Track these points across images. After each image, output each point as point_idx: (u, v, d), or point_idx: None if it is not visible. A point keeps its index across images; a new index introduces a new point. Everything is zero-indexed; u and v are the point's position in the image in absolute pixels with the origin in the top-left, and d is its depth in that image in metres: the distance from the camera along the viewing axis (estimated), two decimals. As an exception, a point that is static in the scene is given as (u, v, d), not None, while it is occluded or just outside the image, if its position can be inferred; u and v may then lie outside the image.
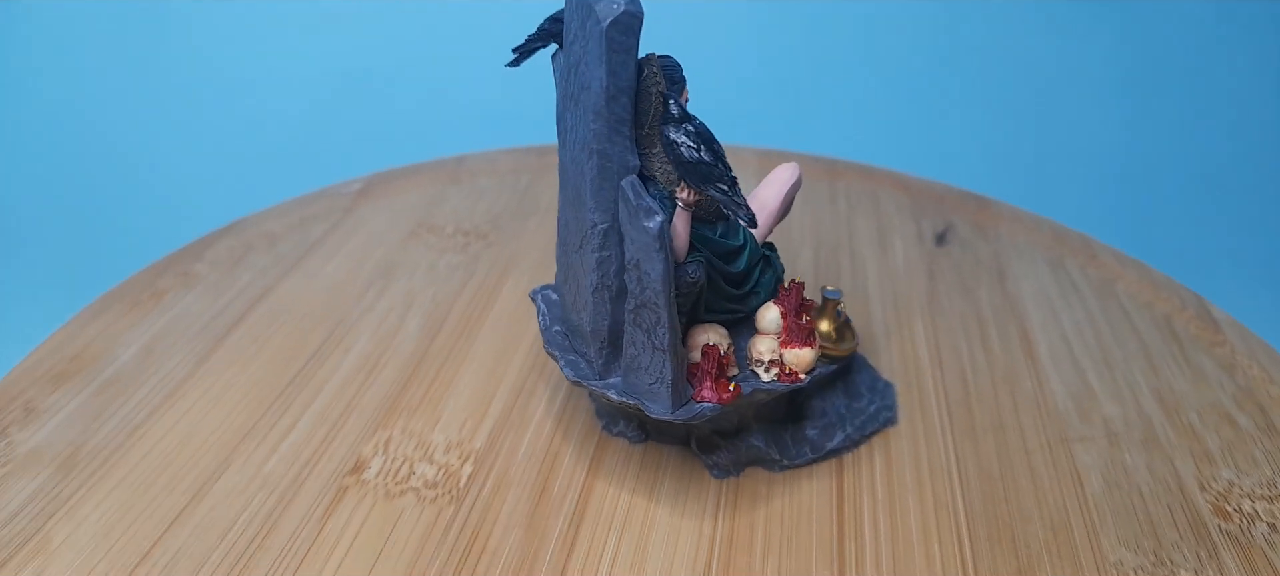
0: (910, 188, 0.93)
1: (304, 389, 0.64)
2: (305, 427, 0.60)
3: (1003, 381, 0.66)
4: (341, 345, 0.68)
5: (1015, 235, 0.84)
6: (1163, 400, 0.64)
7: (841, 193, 0.92)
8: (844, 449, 0.59)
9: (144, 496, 0.54)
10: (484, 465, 0.58)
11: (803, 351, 0.51)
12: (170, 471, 0.56)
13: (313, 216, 0.85)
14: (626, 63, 0.43)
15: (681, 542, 0.53)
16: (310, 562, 0.51)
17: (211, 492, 0.55)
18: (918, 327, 0.71)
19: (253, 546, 0.51)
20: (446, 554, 0.51)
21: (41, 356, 0.66)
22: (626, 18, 0.42)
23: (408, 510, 0.54)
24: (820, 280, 0.77)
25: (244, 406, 0.62)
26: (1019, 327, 0.72)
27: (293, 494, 0.55)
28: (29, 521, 0.53)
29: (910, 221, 0.87)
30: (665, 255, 0.45)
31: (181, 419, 0.61)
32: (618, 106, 0.44)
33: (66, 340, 0.68)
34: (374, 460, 0.58)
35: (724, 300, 0.52)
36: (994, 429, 0.61)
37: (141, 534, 0.52)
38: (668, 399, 0.48)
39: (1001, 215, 0.88)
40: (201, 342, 0.68)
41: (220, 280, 0.76)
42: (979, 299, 0.75)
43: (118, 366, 0.65)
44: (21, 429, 0.59)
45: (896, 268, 0.79)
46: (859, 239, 0.84)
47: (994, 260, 0.81)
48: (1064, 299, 0.75)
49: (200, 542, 0.52)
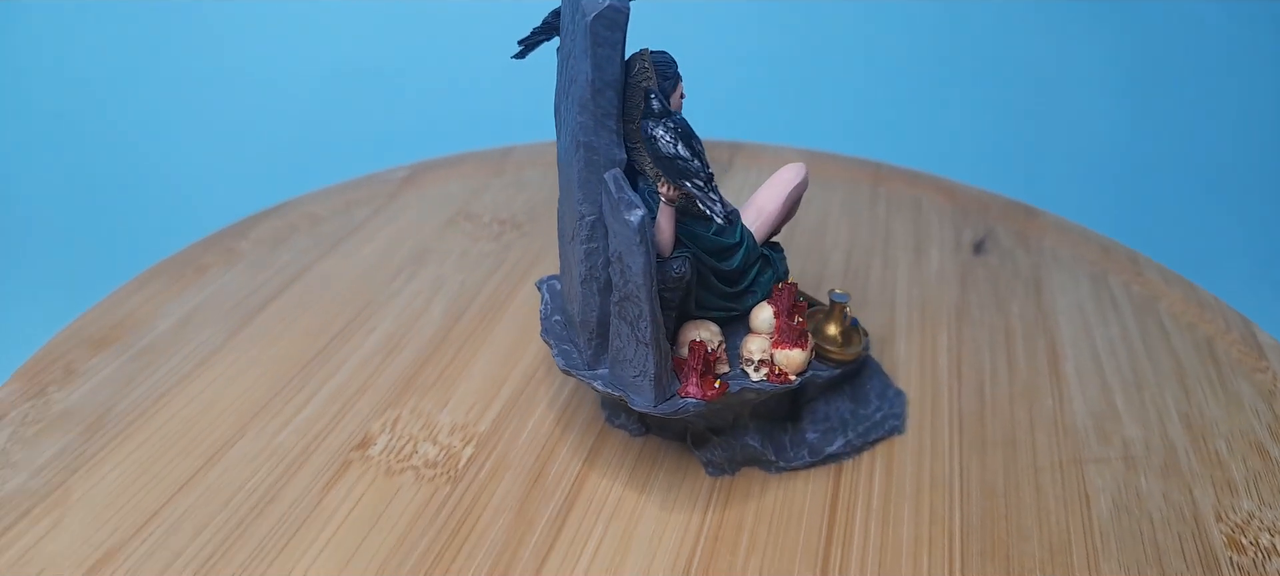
0: (956, 195, 0.91)
1: (324, 365, 0.66)
2: (320, 402, 0.62)
3: (1022, 396, 0.64)
4: (366, 326, 0.70)
5: (1059, 247, 0.82)
6: (1191, 425, 0.62)
7: (883, 197, 0.90)
8: (844, 454, 0.59)
9: (160, 459, 0.57)
10: (485, 448, 0.59)
11: (793, 352, 0.50)
12: (188, 437, 0.59)
13: (357, 200, 0.88)
14: (612, 57, 0.44)
15: (667, 536, 0.53)
16: (304, 532, 0.52)
17: (223, 459, 0.57)
18: (941, 337, 0.70)
19: (253, 513, 0.54)
20: (435, 532, 0.53)
21: (87, 321, 0.70)
22: (611, 12, 0.43)
23: (405, 487, 0.56)
24: (847, 284, 0.76)
25: (266, 379, 0.64)
26: (1048, 342, 0.70)
27: (299, 465, 0.57)
28: (53, 475, 0.56)
29: (950, 229, 0.85)
30: (646, 249, 0.45)
31: (206, 388, 0.63)
32: (603, 100, 0.45)
33: (112, 307, 0.71)
34: (381, 437, 0.60)
35: (717, 298, 0.52)
36: (1004, 444, 0.60)
37: (152, 494, 0.55)
38: (650, 392, 0.49)
39: (1047, 226, 0.85)
40: (235, 317, 0.71)
41: (262, 258, 0.79)
42: (1010, 311, 0.73)
43: (155, 335, 0.69)
44: (59, 388, 0.63)
45: (929, 275, 0.78)
46: (894, 244, 0.82)
47: (1032, 272, 0.78)
48: (1101, 315, 0.73)
49: (205, 506, 0.54)
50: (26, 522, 0.53)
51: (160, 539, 0.52)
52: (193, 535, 0.52)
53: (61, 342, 0.67)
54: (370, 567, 0.50)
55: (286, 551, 0.51)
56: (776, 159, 0.98)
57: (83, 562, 0.50)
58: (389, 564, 0.51)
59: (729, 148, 1.00)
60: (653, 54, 0.48)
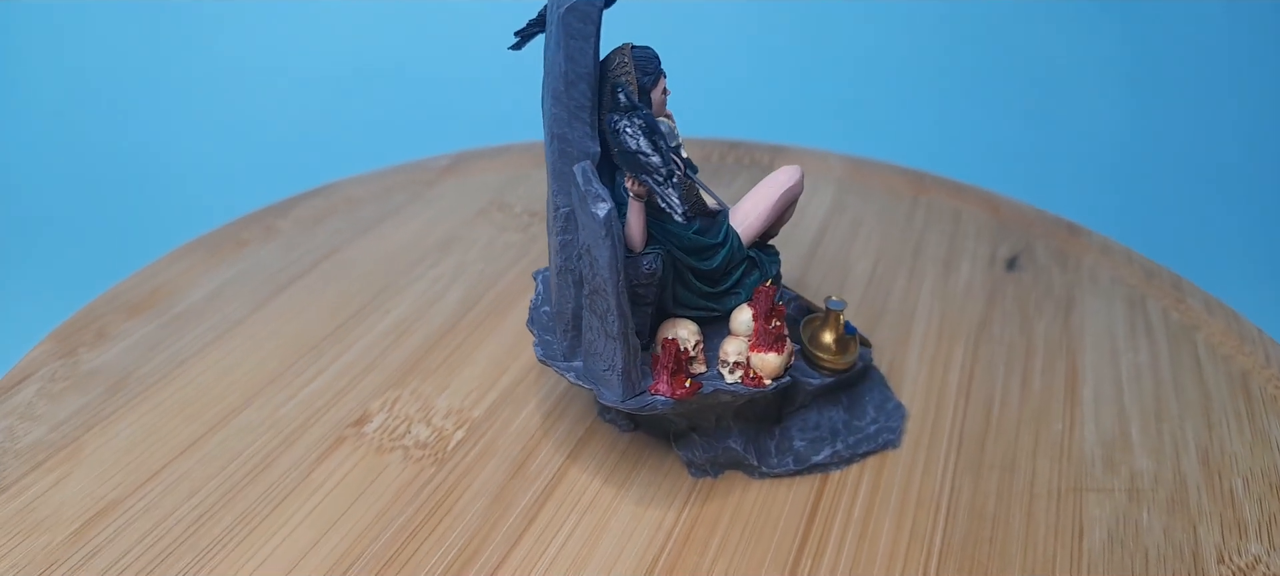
0: (1000, 209, 0.88)
1: (337, 343, 0.68)
2: (327, 378, 0.64)
3: (1030, 419, 0.62)
4: (383, 307, 0.72)
5: (1099, 268, 0.79)
6: (1208, 460, 0.59)
7: (922, 207, 0.88)
8: (831, 465, 0.58)
9: (169, 422, 0.60)
10: (475, 433, 0.60)
11: (768, 356, 0.50)
12: (199, 403, 0.62)
13: (397, 186, 0.91)
14: (585, 50, 0.44)
15: (638, 532, 0.53)
16: (290, 501, 0.54)
17: (227, 427, 0.60)
18: (956, 353, 0.68)
19: (246, 480, 0.56)
20: (413, 510, 0.54)
21: (125, 287, 0.73)
22: (584, 5, 0.43)
23: (393, 465, 0.57)
24: (868, 295, 0.75)
25: (280, 353, 0.67)
26: (1069, 365, 0.67)
27: (297, 437, 0.59)
28: (70, 431, 0.59)
29: (987, 244, 0.82)
30: (612, 243, 0.45)
31: (224, 357, 0.66)
32: (576, 92, 0.45)
33: (151, 275, 0.75)
34: (377, 415, 0.61)
35: (697, 297, 0.52)
36: (1002, 467, 0.58)
37: (156, 455, 0.57)
38: (619, 386, 0.49)
39: (1090, 246, 0.82)
40: (263, 291, 0.74)
41: (298, 236, 0.82)
42: (1035, 330, 0.71)
43: (186, 304, 0.72)
44: (90, 350, 0.67)
45: (955, 289, 0.76)
46: (925, 256, 0.80)
47: (1066, 291, 0.76)
48: (1131, 340, 0.70)
49: (202, 470, 0.56)
50: (38, 473, 0.56)
51: (155, 498, 0.54)
52: (186, 496, 0.55)
53: (99, 306, 0.71)
54: (345, 539, 0.52)
55: (269, 519, 0.53)
56: (819, 164, 0.97)
57: (82, 515, 0.53)
58: (364, 537, 0.52)
59: (770, 150, 0.99)
60: (635, 49, 0.48)
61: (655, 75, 0.47)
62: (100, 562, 0.50)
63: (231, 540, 0.52)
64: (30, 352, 0.66)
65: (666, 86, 0.49)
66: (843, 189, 0.92)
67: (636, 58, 0.47)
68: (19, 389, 0.62)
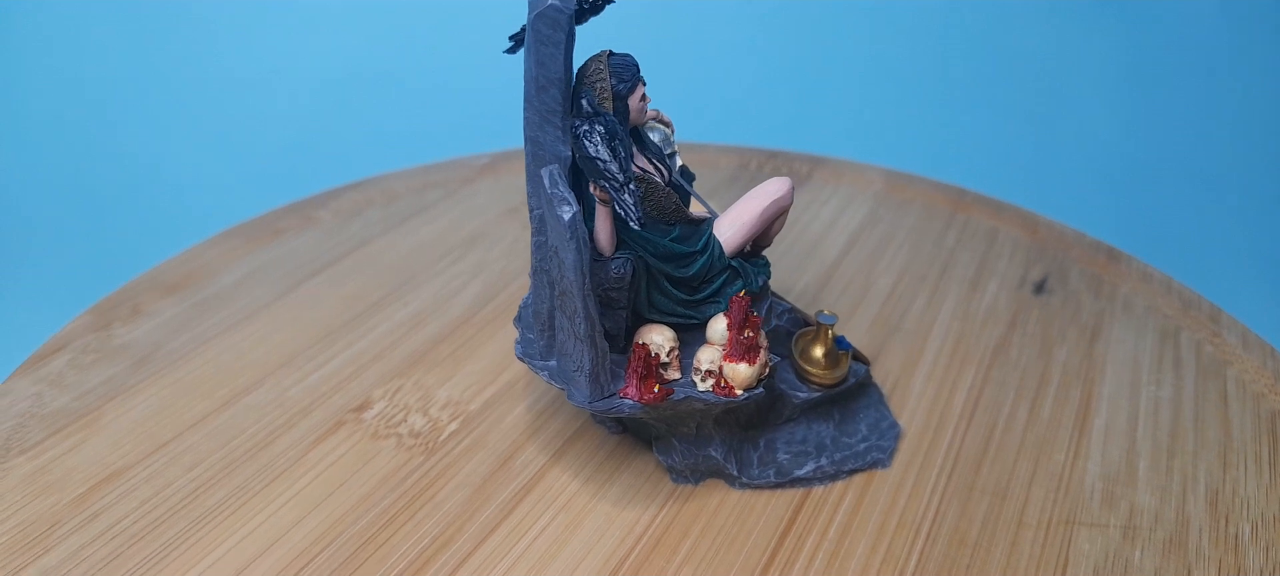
0: (1038, 229, 0.85)
1: (352, 331, 0.70)
2: (337, 364, 0.67)
3: (1032, 447, 0.60)
4: (401, 299, 0.74)
5: (1135, 296, 0.75)
6: (1217, 502, 0.56)
7: (959, 224, 0.86)
8: (816, 480, 0.57)
9: (183, 398, 0.63)
10: (468, 426, 0.61)
11: (740, 366, 0.50)
12: (213, 381, 0.65)
13: (434, 182, 0.93)
14: (555, 55, 0.45)
15: (610, 534, 0.53)
16: (281, 480, 0.57)
17: (236, 405, 0.63)
18: (966, 376, 0.66)
19: (245, 457, 0.58)
20: (395, 496, 0.56)
21: (164, 268, 0.77)
22: (553, 11, 0.44)
23: (384, 452, 0.59)
24: (885, 312, 0.74)
25: (297, 337, 0.70)
26: (1085, 394, 0.65)
27: (299, 419, 0.62)
28: (93, 400, 0.63)
29: (1019, 265, 0.80)
30: (577, 246, 0.46)
31: (244, 339, 0.69)
32: (547, 97, 0.46)
33: (190, 258, 0.79)
34: (378, 403, 0.63)
35: (674, 303, 0.52)
36: (994, 493, 0.56)
37: (167, 428, 0.60)
38: (586, 387, 0.49)
39: (1128, 272, 0.78)
40: (291, 278, 0.77)
41: (333, 227, 0.85)
42: (1053, 356, 0.68)
43: (218, 287, 0.75)
44: (124, 325, 0.70)
45: (977, 310, 0.74)
46: (952, 274, 0.79)
47: (1095, 318, 0.73)
48: (1157, 372, 0.67)
49: (206, 444, 0.59)
50: (57, 438, 0.59)
51: (159, 468, 0.57)
52: (187, 468, 0.57)
53: (138, 285, 0.75)
54: (326, 520, 0.54)
55: (260, 495, 0.55)
56: (858, 177, 0.95)
57: (90, 479, 0.56)
58: (345, 519, 0.54)
59: (809, 161, 0.98)
60: (614, 55, 0.48)
61: (632, 82, 0.48)
62: (98, 526, 0.53)
63: (222, 512, 0.54)
64: (68, 324, 0.70)
65: (646, 94, 0.49)
66: (879, 203, 0.90)
67: (613, 65, 0.47)
68: (53, 358, 0.67)
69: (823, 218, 0.88)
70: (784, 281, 0.77)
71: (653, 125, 0.57)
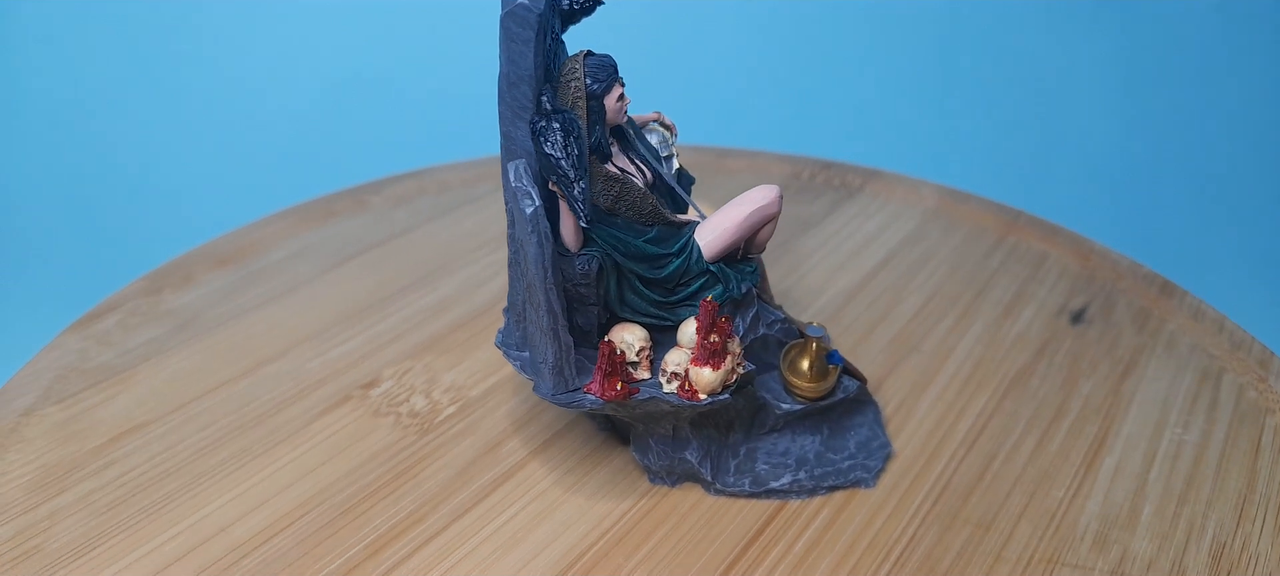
0: (1090, 256, 0.81)
1: (378, 312, 0.73)
2: (357, 343, 0.70)
3: (1030, 481, 0.58)
4: (430, 285, 0.77)
5: (1182, 333, 0.71)
6: (1221, 555, 0.52)
7: (1006, 247, 0.83)
8: (792, 493, 0.56)
9: (212, 363, 0.67)
10: (465, 412, 0.63)
11: (703, 371, 0.50)
12: (242, 350, 0.69)
13: (486, 176, 0.96)
14: (524, 53, 0.46)
15: (577, 526, 0.54)
16: (282, 447, 0.60)
17: (257, 374, 0.66)
18: (977, 402, 0.64)
19: (253, 422, 0.62)
20: (381, 471, 0.58)
21: (220, 242, 0.82)
22: (521, 10, 0.45)
23: (382, 429, 0.62)
24: (906, 332, 0.72)
25: (326, 314, 0.73)
26: (1101, 431, 0.62)
27: (311, 392, 0.65)
28: (132, 359, 0.68)
29: (1061, 293, 0.77)
30: (538, 239, 0.47)
31: (278, 312, 0.73)
32: (517, 93, 0.47)
33: (245, 233, 0.84)
34: (386, 382, 0.66)
35: (647, 304, 0.52)
36: (977, 524, 0.54)
37: (190, 390, 0.65)
38: (550, 380, 0.50)
39: (1178, 308, 0.74)
40: (334, 258, 0.81)
41: (384, 213, 0.88)
42: (1077, 389, 0.65)
43: (266, 262, 0.80)
44: (174, 292, 0.76)
45: (1004, 336, 0.71)
46: (987, 298, 0.76)
47: (1132, 353, 0.69)
48: (1187, 414, 0.63)
49: (221, 407, 0.63)
50: (93, 391, 0.64)
51: (175, 426, 0.61)
52: (200, 428, 0.61)
53: (193, 256, 0.80)
54: (315, 487, 0.57)
55: (258, 460, 0.59)
56: (910, 193, 0.93)
57: (112, 432, 0.61)
58: (331, 488, 0.57)
59: (863, 173, 0.97)
60: (593, 55, 0.49)
61: (608, 82, 0.48)
62: (109, 474, 0.57)
63: (221, 472, 0.58)
64: (124, 287, 0.76)
65: (625, 94, 0.49)
66: (927, 220, 0.88)
67: (589, 64, 0.48)
68: (104, 317, 0.72)
69: (864, 231, 0.86)
70: (809, 291, 0.77)
71: (652, 127, 0.58)
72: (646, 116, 0.58)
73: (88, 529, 0.54)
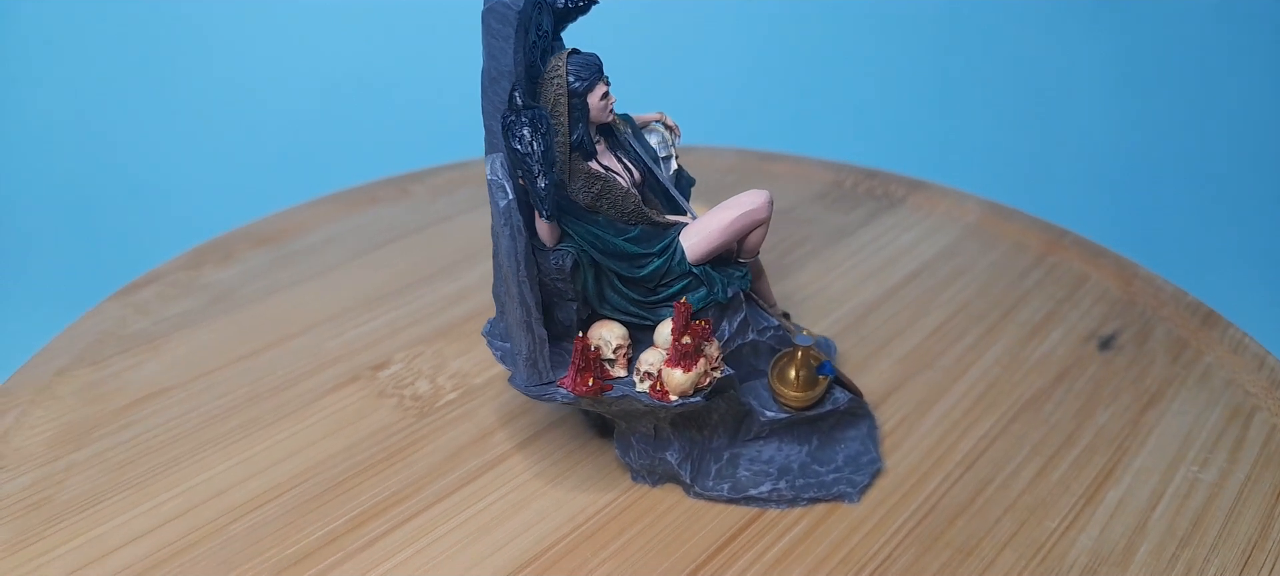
0: (1133, 282, 0.78)
1: (401, 296, 0.76)
2: (375, 325, 0.72)
3: (1024, 509, 0.56)
4: (455, 274, 0.79)
5: (1218, 366, 0.68)
6: (1214, 603, 0.50)
7: (1046, 267, 0.80)
8: (771, 501, 0.56)
9: (237, 337, 0.71)
10: (465, 399, 0.65)
11: (675, 372, 0.50)
12: (267, 326, 0.72)
13: (529, 170, 0.97)
14: (504, 49, 0.47)
15: (552, 518, 0.55)
16: (289, 420, 0.62)
17: (277, 349, 0.69)
18: (983, 424, 0.62)
19: (266, 394, 0.65)
20: (375, 450, 0.60)
21: (262, 223, 0.86)
22: (501, 6, 0.46)
23: (383, 409, 0.63)
24: (924, 348, 0.70)
25: (352, 296, 0.76)
26: (1110, 463, 0.59)
27: (324, 369, 0.67)
28: (165, 329, 0.71)
29: (1094, 317, 0.73)
30: (511, 233, 0.48)
31: (308, 292, 0.76)
32: (498, 89, 0.48)
33: (288, 215, 0.88)
34: (395, 365, 0.68)
35: (626, 302, 0.53)
36: (958, 548, 0.53)
37: (213, 360, 0.68)
38: (523, 372, 0.51)
39: (1217, 340, 0.70)
40: (369, 243, 0.83)
41: (423, 201, 0.91)
42: (1092, 418, 0.63)
43: (303, 244, 0.83)
44: (213, 267, 0.79)
45: (1025, 359, 0.69)
46: (1015, 318, 0.73)
47: (1160, 384, 0.66)
48: (1208, 452, 0.60)
49: (239, 379, 0.66)
50: (125, 356, 0.68)
51: (193, 394, 0.65)
52: (216, 397, 0.64)
53: (236, 234, 0.84)
54: (310, 461, 0.59)
55: (265, 431, 0.61)
56: (954, 206, 0.91)
57: (134, 396, 0.64)
58: (325, 463, 0.59)
59: (908, 184, 0.95)
60: (578, 53, 0.50)
61: (590, 81, 0.49)
62: (125, 435, 0.61)
63: (227, 440, 0.61)
64: (168, 261, 0.80)
65: (608, 93, 0.50)
66: (966, 235, 0.86)
67: (572, 63, 0.49)
68: (145, 287, 0.76)
69: (899, 243, 0.84)
70: (831, 299, 0.75)
71: (654, 127, 0.58)
72: (648, 116, 0.58)
73: (97, 484, 0.57)
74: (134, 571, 0.51)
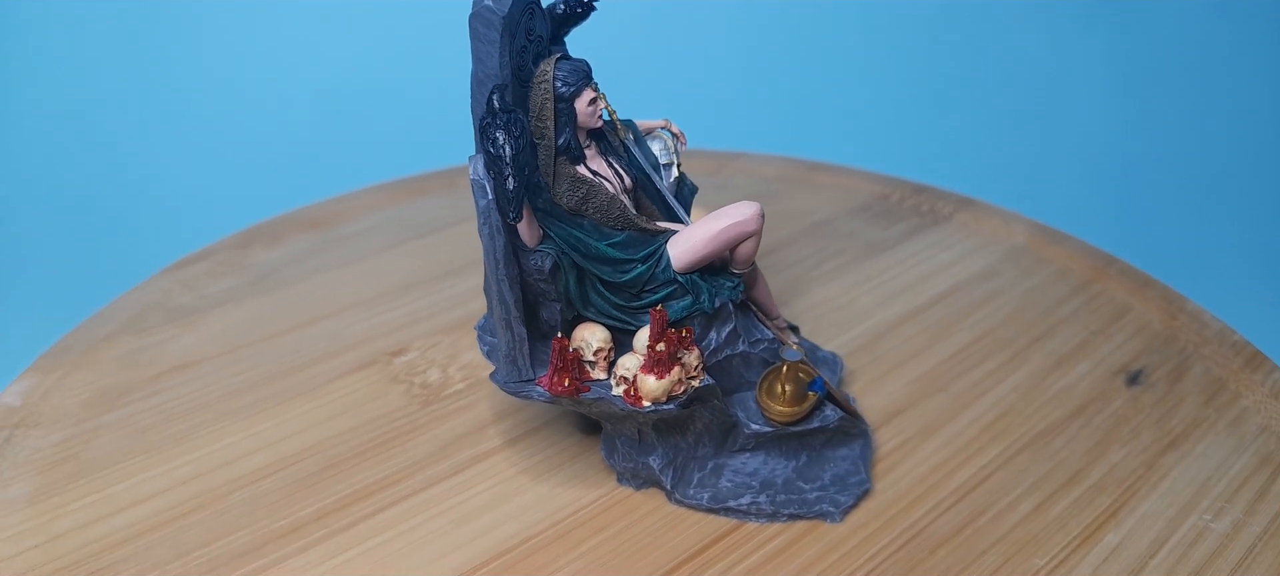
0: (1178, 316, 0.74)
1: (429, 286, 0.78)
2: (399, 313, 0.75)
3: (1016, 543, 0.54)
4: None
5: (1255, 410, 0.64)
6: (1198, 659, 0.47)
7: (1087, 294, 0.77)
8: (750, 514, 0.56)
9: (269, 316, 0.74)
10: (471, 390, 0.66)
11: (649, 378, 0.50)
12: (299, 307, 0.75)
13: (575, 169, 0.99)
14: (491, 53, 0.48)
15: (532, 512, 0.56)
16: (300, 399, 0.65)
17: (305, 330, 0.73)
18: (986, 454, 0.61)
19: (287, 372, 0.68)
20: (376, 433, 0.62)
21: (313, 208, 0.90)
22: (486, 11, 0.47)
23: (391, 394, 0.66)
24: (942, 371, 0.69)
25: (385, 282, 0.78)
26: (1116, 504, 0.57)
27: (344, 352, 0.70)
28: (207, 304, 0.76)
29: (1129, 351, 0.70)
30: (490, 232, 0.49)
31: (342, 276, 0.79)
32: (484, 93, 0.49)
33: (338, 202, 0.91)
34: (411, 352, 0.70)
35: (610, 306, 0.53)
36: (935, 578, 0.52)
37: (244, 336, 0.72)
38: (503, 368, 0.52)
39: (1260, 384, 0.66)
40: (409, 233, 0.86)
41: (467, 194, 0.93)
42: (1105, 456, 0.60)
43: (349, 230, 0.87)
44: (262, 248, 0.83)
45: (1046, 389, 0.66)
46: (1043, 347, 0.71)
47: (1187, 425, 0.63)
48: (1226, 500, 0.57)
49: (264, 355, 0.69)
50: (168, 328, 0.73)
51: (219, 367, 0.68)
52: (239, 372, 0.68)
53: (287, 218, 0.88)
54: (314, 439, 0.61)
55: (279, 407, 0.64)
56: (1000, 227, 0.88)
57: (172, 364, 0.68)
58: (328, 442, 0.61)
59: (955, 201, 0.92)
60: (567, 59, 0.51)
61: (577, 87, 0.50)
62: (152, 402, 0.65)
63: (243, 414, 0.64)
64: (220, 239, 0.84)
65: (595, 98, 0.51)
66: (1009, 257, 0.83)
67: (560, 68, 0.50)
68: (194, 263, 0.81)
69: (935, 261, 0.82)
70: (854, 315, 0.74)
71: (658, 134, 0.59)
72: (653, 123, 0.59)
73: (120, 447, 0.61)
74: (133, 531, 0.54)
